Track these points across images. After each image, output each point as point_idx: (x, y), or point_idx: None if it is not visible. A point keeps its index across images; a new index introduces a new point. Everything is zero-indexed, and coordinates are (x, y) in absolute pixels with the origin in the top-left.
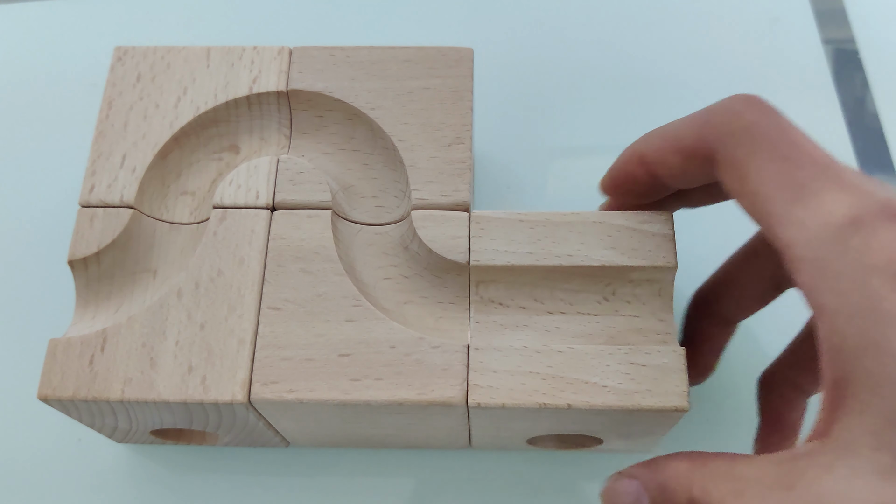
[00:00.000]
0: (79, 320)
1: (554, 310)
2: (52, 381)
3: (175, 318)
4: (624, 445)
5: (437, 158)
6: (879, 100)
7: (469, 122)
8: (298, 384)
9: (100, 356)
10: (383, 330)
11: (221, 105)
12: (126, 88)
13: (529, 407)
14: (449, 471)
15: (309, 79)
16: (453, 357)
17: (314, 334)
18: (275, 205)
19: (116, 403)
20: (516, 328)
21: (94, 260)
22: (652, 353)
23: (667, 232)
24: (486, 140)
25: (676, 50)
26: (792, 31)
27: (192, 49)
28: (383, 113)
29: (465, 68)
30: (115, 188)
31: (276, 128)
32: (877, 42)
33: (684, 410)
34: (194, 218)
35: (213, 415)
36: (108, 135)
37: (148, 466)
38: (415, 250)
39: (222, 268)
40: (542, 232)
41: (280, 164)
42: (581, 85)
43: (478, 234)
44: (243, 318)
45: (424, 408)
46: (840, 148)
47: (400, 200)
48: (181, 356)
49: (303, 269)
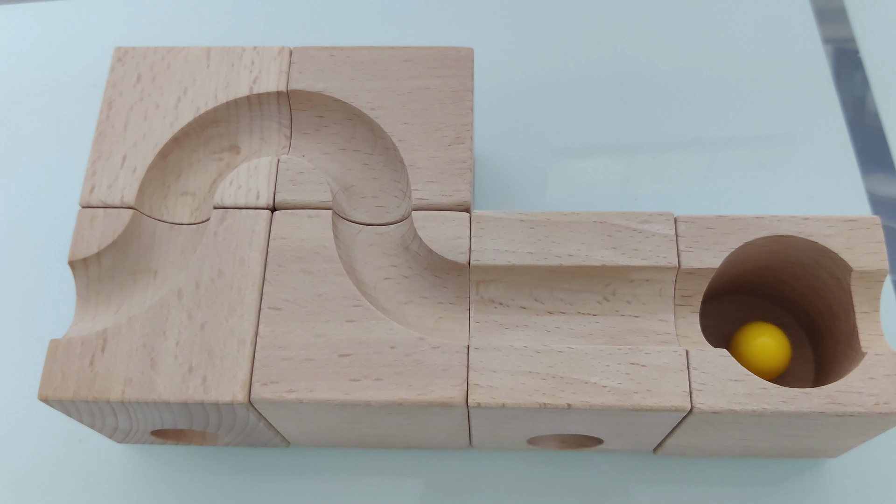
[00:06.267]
0: (79, 321)
1: (554, 310)
2: (52, 381)
3: (175, 319)
4: (624, 445)
5: (438, 158)
6: (879, 99)
7: (469, 121)
8: (299, 384)
9: (100, 356)
10: (383, 330)
11: (222, 105)
12: (126, 89)
13: (529, 407)
14: (449, 470)
15: (309, 79)
16: (453, 357)
17: (314, 334)
18: (275, 205)
19: (117, 404)
20: (516, 328)
21: (94, 260)
22: (652, 354)
23: (667, 232)
24: (487, 140)
25: (677, 50)
26: (792, 31)
27: (192, 49)
28: (383, 113)
29: (466, 68)
30: (116, 188)
31: (277, 128)
32: (877, 41)
33: (684, 410)
34: (195, 218)
35: (213, 415)
36: (108, 135)
37: (148, 467)
38: (415, 250)
39: (223, 268)
40: (543, 232)
41: (280, 165)
42: (581, 85)
43: (478, 234)
44: (244, 318)
45: (425, 408)
46: (840, 147)
47: (400, 200)
48: (181, 356)
49: (303, 270)
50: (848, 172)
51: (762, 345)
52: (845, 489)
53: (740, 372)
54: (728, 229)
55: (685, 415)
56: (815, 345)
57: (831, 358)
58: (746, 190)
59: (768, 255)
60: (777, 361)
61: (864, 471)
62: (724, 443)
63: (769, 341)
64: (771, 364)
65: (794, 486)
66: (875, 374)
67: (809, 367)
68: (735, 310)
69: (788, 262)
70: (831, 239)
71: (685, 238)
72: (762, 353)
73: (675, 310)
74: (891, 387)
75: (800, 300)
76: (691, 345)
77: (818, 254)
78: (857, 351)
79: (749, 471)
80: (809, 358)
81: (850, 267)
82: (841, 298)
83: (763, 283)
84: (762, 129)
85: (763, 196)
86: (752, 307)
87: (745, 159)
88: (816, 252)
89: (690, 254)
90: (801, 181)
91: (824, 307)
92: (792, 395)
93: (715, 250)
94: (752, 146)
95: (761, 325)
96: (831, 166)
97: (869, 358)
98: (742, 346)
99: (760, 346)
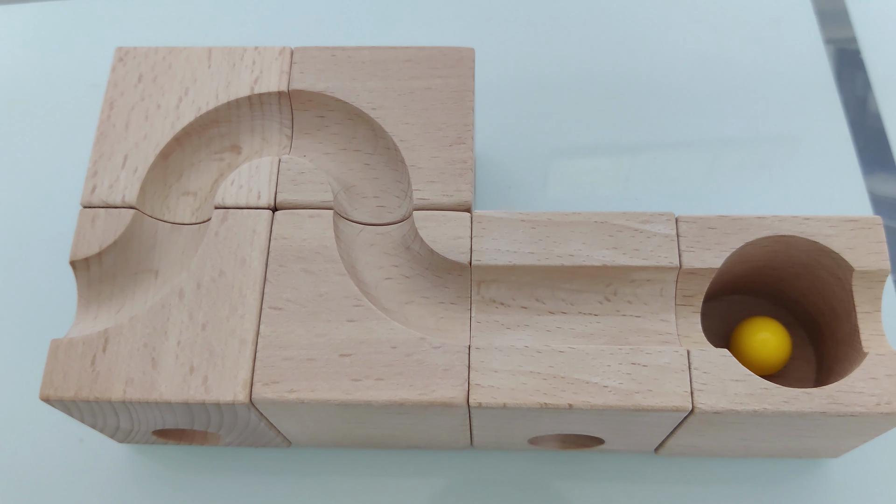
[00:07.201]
0: (80, 321)
1: (555, 310)
2: (53, 381)
3: (177, 319)
4: (625, 445)
5: (439, 158)
6: (881, 99)
7: (470, 122)
8: (300, 384)
9: (101, 356)
10: (385, 330)
11: (223, 105)
12: (127, 89)
13: (531, 407)
14: (451, 470)
15: (310, 79)
16: (455, 357)
17: (315, 334)
18: (276, 205)
19: (118, 404)
20: (518, 328)
21: (95, 260)
22: (653, 354)
23: (668, 232)
24: (488, 140)
25: (678, 50)
26: (794, 31)
27: (193, 49)
28: (385, 113)
29: (467, 68)
30: (117, 188)
31: (278, 128)
32: (879, 42)
33: (686, 410)
34: (196, 218)
35: (214, 415)
36: (109, 135)
37: (149, 467)
38: (416, 250)
39: (224, 268)
40: (544, 232)
41: (282, 165)
42: (582, 85)
43: (479, 234)
44: (245, 318)
45: (426, 408)
46: (842, 147)
47: (401, 200)
48: (183, 356)
49: (304, 269)
50: (849, 172)
51: (762, 340)
52: (846, 489)
53: (742, 372)
54: (729, 229)
55: (686, 415)
56: (816, 345)
57: (832, 358)
58: (748, 190)
59: (769, 256)
60: (777, 357)
61: (865, 471)
62: (725, 443)
63: (769, 336)
64: (771, 359)
65: (795, 487)
66: (876, 374)
67: (811, 367)
68: (736, 310)
69: (790, 263)
70: (833, 239)
71: (686, 238)
72: (762, 348)
73: (676, 310)
74: (892, 387)
75: (801, 300)
76: (692, 345)
77: (819, 254)
78: (859, 351)
79: (750, 471)
80: (811, 358)
81: (852, 267)
82: (842, 298)
83: (764, 283)
84: (763, 129)
85: (764, 196)
86: (753, 307)
87: (747, 159)
88: (818, 252)
89: (692, 254)
90: (803, 181)
91: (826, 307)
92: (793, 395)
93: (716, 250)
94: (753, 146)
95: (761, 321)
96: (833, 166)
97: (870, 358)
98: (742, 342)
99: (760, 342)
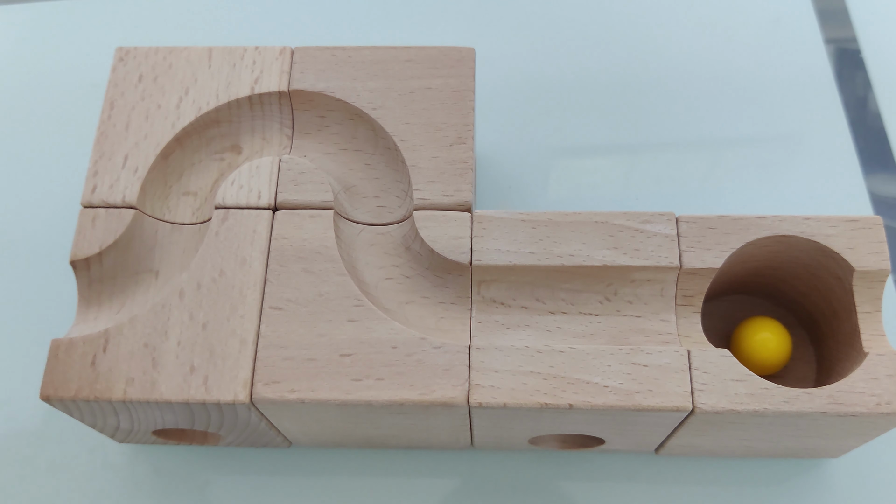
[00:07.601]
0: (81, 320)
1: (556, 310)
2: (54, 381)
3: (177, 319)
4: (625, 445)
5: (439, 158)
6: (882, 99)
7: (471, 122)
8: (300, 384)
9: (102, 356)
10: (385, 330)
11: (223, 105)
12: (128, 89)
13: (531, 407)
14: (451, 471)
15: (311, 79)
16: (455, 357)
17: (316, 334)
18: (277, 205)
19: (119, 403)
20: (518, 328)
21: (96, 260)
22: (654, 354)
23: (669, 232)
24: (488, 140)
25: (678, 50)
26: (794, 31)
27: (193, 49)
28: (385, 113)
29: (467, 68)
30: (117, 188)
31: (278, 128)
32: (879, 41)
33: (686, 411)
34: (196, 218)
35: (215, 415)
36: (109, 135)
37: (149, 466)
38: (417, 250)
39: (224, 268)
40: (544, 232)
41: (282, 165)
42: (583, 85)
43: (480, 234)
44: (245, 318)
45: (426, 408)
46: (842, 147)
47: (402, 200)
48: (183, 356)
49: (305, 269)
50: (850, 172)
51: (762, 340)
52: (847, 489)
53: (742, 372)
54: (730, 229)
55: (687, 415)
56: (816, 345)
57: (833, 358)
58: (748, 190)
59: (770, 256)
60: (777, 357)
61: (865, 471)
62: (725, 443)
63: (769, 336)
64: (771, 359)
65: (795, 487)
66: (877, 374)
67: (811, 368)
68: (737, 310)
69: (790, 263)
70: (833, 239)
71: (687, 238)
72: (762, 348)
73: (676, 310)
74: (892, 387)
75: (801, 300)
76: (693, 345)
77: (820, 254)
78: (859, 351)
79: (750, 471)
80: (811, 358)
81: (852, 267)
82: (843, 298)
83: (765, 284)
84: (764, 129)
85: (765, 196)
86: (753, 307)
87: (747, 159)
88: (818, 252)
89: (692, 254)
90: (803, 181)
91: (826, 307)
92: (794, 396)
93: (717, 250)
94: (753, 146)
95: (761, 321)
96: (833, 166)
97: (871, 358)
98: (742, 342)
99: (761, 342)
